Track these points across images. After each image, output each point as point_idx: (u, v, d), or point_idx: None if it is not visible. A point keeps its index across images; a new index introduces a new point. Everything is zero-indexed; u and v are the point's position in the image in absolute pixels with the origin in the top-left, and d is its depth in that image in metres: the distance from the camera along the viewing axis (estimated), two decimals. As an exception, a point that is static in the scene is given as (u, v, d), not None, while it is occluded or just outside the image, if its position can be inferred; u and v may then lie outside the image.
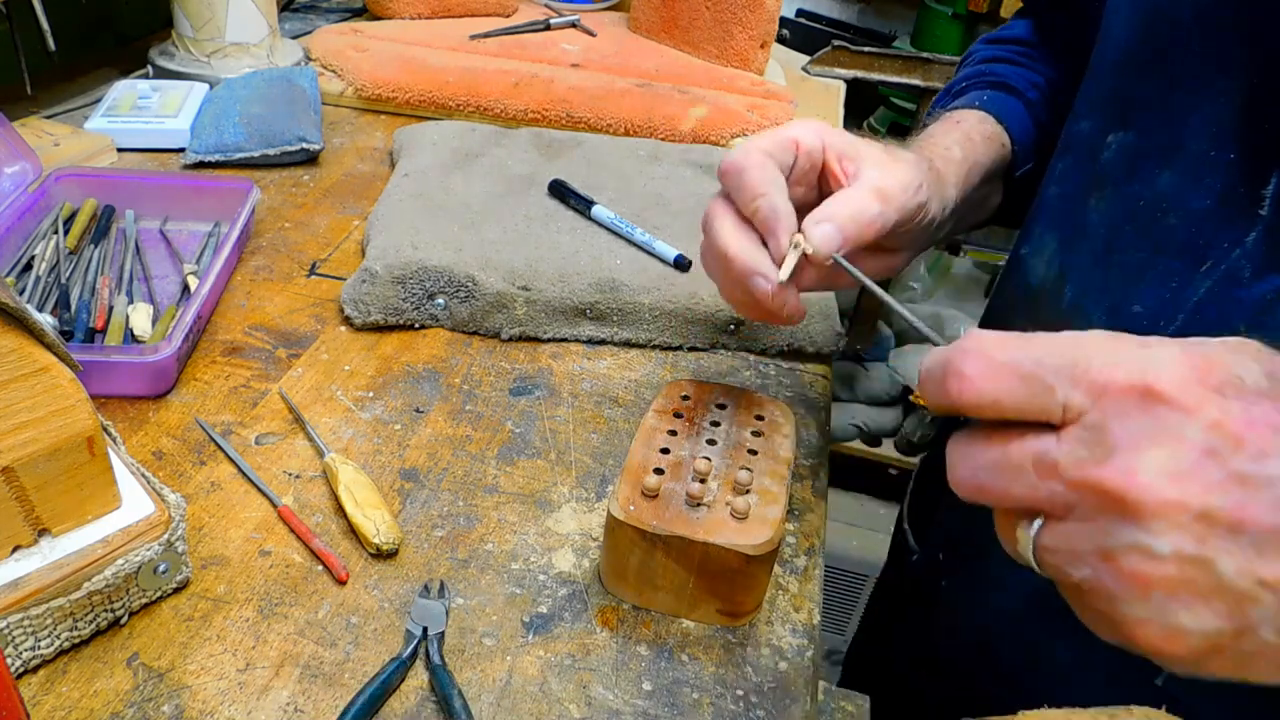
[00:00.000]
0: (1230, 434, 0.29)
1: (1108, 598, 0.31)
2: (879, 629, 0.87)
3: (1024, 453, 0.32)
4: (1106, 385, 0.31)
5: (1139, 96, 0.50)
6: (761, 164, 0.49)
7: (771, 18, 1.16)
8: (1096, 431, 0.31)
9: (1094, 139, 0.53)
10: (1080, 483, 0.31)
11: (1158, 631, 0.31)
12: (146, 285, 0.70)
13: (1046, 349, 0.32)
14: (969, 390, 0.33)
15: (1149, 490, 0.29)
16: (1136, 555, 0.30)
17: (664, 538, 0.47)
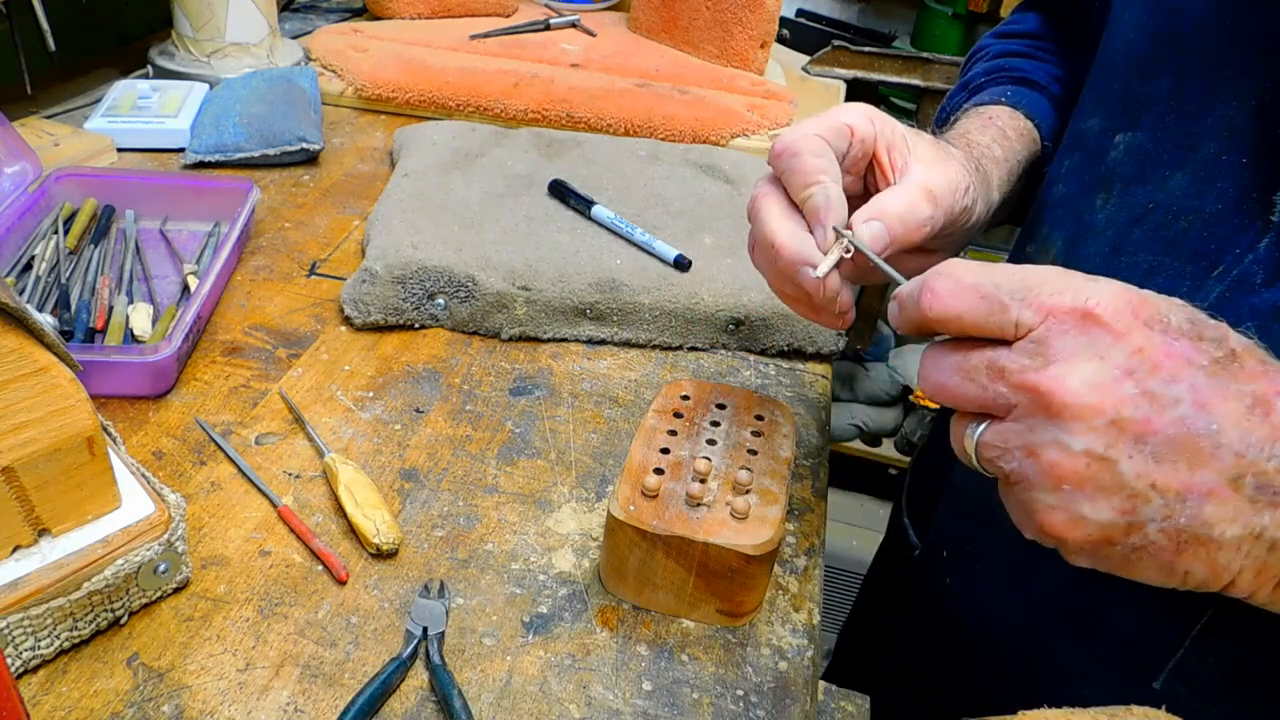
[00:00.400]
0: (1149, 359, 0.34)
1: (1027, 487, 0.37)
2: (870, 625, 0.87)
3: (980, 358, 0.37)
4: (1053, 307, 0.36)
5: (1149, 96, 0.49)
6: (817, 149, 0.48)
7: (771, 18, 1.16)
8: (1040, 344, 0.35)
9: (1101, 138, 0.52)
10: (1020, 385, 0.36)
11: (1062, 519, 0.36)
12: (146, 285, 0.70)
13: (1006, 275, 0.37)
14: (937, 305, 0.38)
15: (1073, 395, 0.34)
16: (1055, 450, 0.35)
17: (664, 538, 0.47)
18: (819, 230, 0.48)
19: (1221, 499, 0.34)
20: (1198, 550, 0.35)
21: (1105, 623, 0.51)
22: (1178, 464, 0.34)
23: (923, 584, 0.70)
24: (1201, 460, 0.34)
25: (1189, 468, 0.34)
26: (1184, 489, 0.34)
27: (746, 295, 0.71)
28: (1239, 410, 0.34)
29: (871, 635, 0.85)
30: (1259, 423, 0.34)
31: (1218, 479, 0.34)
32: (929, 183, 0.49)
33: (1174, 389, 0.34)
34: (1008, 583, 0.58)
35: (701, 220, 0.80)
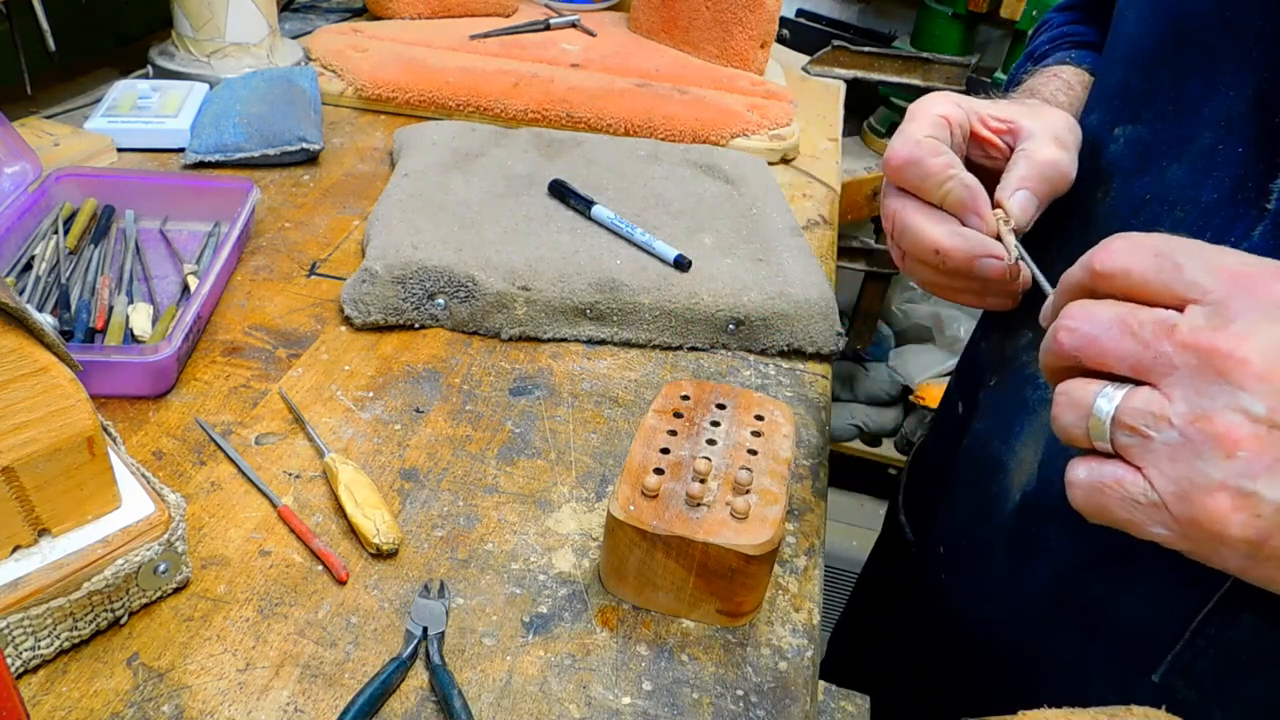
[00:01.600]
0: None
1: (1189, 459, 0.32)
2: (863, 624, 0.87)
3: (1148, 314, 0.34)
4: (1236, 272, 0.33)
5: (1149, 89, 0.50)
6: (935, 149, 0.48)
7: (771, 18, 1.16)
8: (1219, 306, 0.32)
9: (1101, 132, 0.53)
10: (1192, 344, 0.32)
11: (1229, 499, 0.31)
12: (146, 285, 0.70)
13: (1183, 242, 0.34)
14: (1107, 258, 0.35)
15: (1257, 355, 0.31)
16: (1231, 414, 0.31)
17: (664, 538, 0.47)
18: (972, 219, 0.48)
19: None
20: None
21: (1104, 617, 0.51)
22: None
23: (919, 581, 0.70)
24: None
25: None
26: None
27: (746, 295, 0.71)
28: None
29: (865, 634, 0.85)
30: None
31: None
32: (1052, 130, 0.49)
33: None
34: (1006, 579, 0.58)
35: (701, 220, 0.80)
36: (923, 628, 0.69)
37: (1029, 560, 0.55)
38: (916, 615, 0.70)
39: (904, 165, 0.49)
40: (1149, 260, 0.34)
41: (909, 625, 0.72)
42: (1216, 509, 0.32)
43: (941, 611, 0.66)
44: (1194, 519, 0.32)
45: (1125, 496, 0.34)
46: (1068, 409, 0.36)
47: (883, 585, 0.81)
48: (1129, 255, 0.35)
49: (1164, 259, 0.34)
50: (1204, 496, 0.32)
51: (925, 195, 0.49)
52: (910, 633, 0.72)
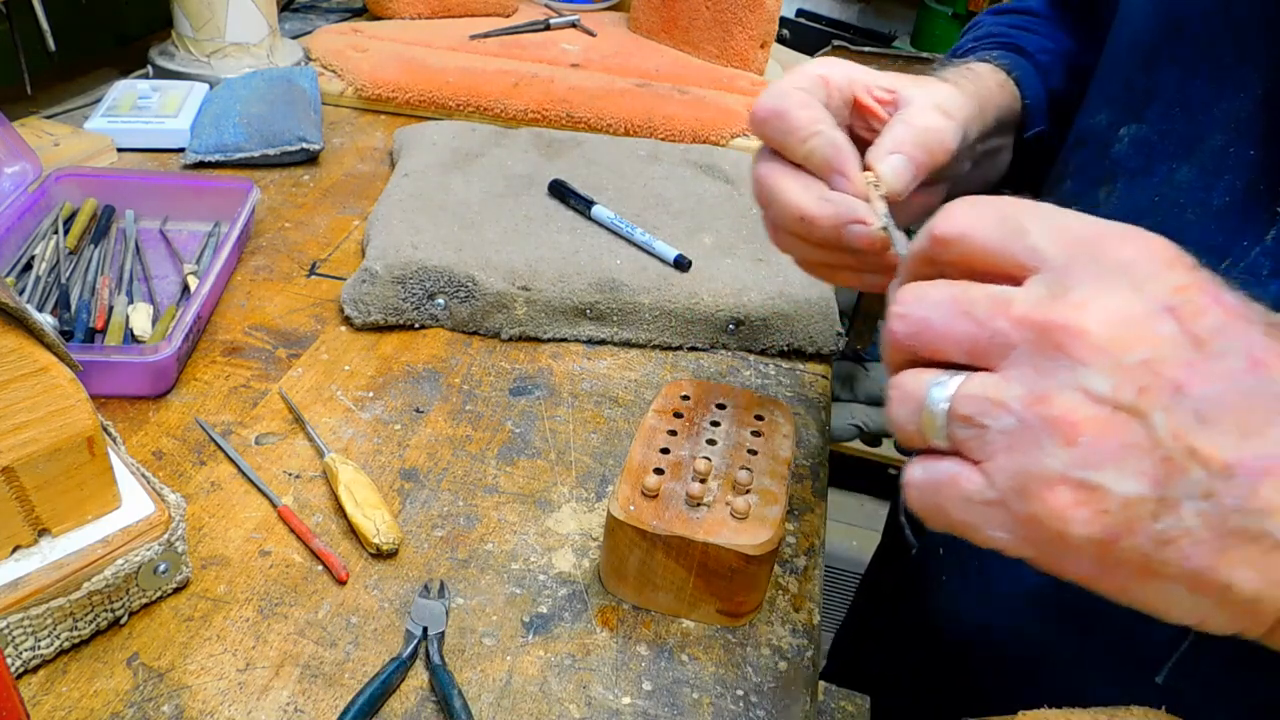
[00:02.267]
0: (1195, 302, 0.27)
1: (1027, 448, 0.28)
2: (867, 625, 0.87)
3: (982, 291, 0.30)
4: (1080, 236, 0.29)
5: (1153, 87, 0.49)
6: (802, 102, 0.44)
7: (771, 18, 1.16)
8: (1059, 274, 0.29)
9: (1107, 132, 0.52)
10: (1028, 319, 0.28)
11: (1071, 493, 0.27)
12: (146, 285, 0.70)
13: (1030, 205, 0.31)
14: (947, 222, 0.32)
15: (1098, 325, 0.27)
16: (1070, 393, 0.27)
17: (664, 538, 0.47)
18: (839, 180, 0.43)
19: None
20: (1247, 549, 0.26)
21: (1106, 619, 0.51)
22: (1224, 428, 0.26)
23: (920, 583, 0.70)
24: (1256, 427, 0.26)
25: (1240, 435, 0.26)
26: (1232, 462, 0.26)
27: (746, 295, 0.71)
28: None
29: (867, 636, 0.85)
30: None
31: (1276, 452, 0.26)
32: (935, 98, 0.45)
33: (1224, 339, 0.27)
34: (1006, 580, 0.58)
35: (701, 220, 0.80)
36: (923, 629, 0.69)
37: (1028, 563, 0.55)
38: (917, 616, 0.70)
39: (767, 118, 0.44)
40: (991, 224, 0.31)
41: (910, 626, 0.72)
42: (1057, 504, 0.27)
43: (942, 613, 0.66)
44: (1034, 517, 0.28)
45: (962, 496, 0.30)
46: (900, 403, 0.32)
47: (884, 588, 0.81)
48: (970, 219, 0.31)
49: (1008, 223, 0.30)
50: (1043, 490, 0.27)
51: (789, 154, 0.44)
52: (911, 634, 0.72)
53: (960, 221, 0.31)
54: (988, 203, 0.31)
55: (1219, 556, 0.27)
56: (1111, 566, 0.28)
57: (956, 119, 0.45)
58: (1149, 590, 0.28)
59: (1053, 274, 0.29)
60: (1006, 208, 0.31)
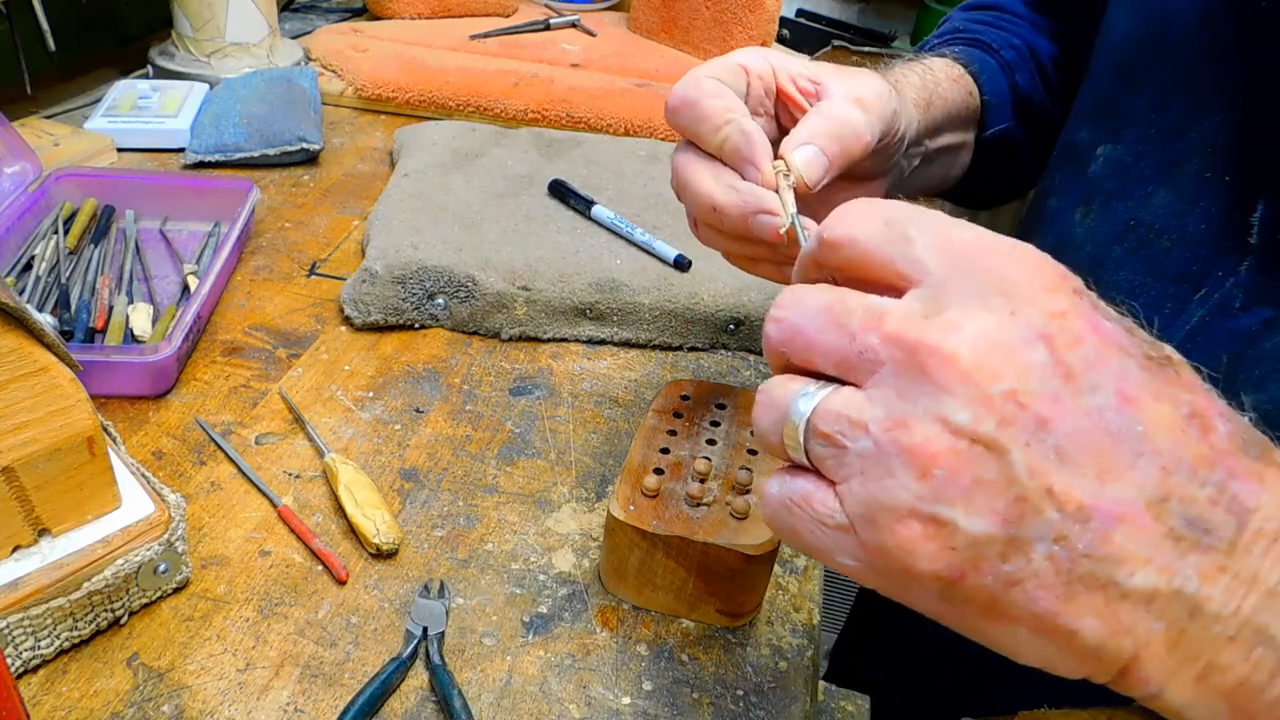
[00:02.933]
0: (1071, 330, 0.26)
1: (880, 476, 0.27)
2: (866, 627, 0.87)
3: (859, 301, 0.29)
4: (963, 249, 0.28)
5: (1130, 108, 0.48)
6: (714, 90, 0.43)
7: (771, 18, 1.16)
8: (937, 290, 0.27)
9: (1086, 150, 0.51)
10: (898, 337, 0.27)
11: (920, 527, 0.26)
12: (146, 285, 0.70)
13: (924, 212, 0.30)
14: (836, 223, 0.30)
15: (964, 350, 0.26)
16: (929, 422, 0.26)
17: (664, 538, 0.47)
18: (750, 171, 0.42)
19: (1137, 526, 0.25)
20: (1093, 596, 0.25)
21: None
22: (1085, 469, 0.25)
23: None
24: (1116, 470, 0.25)
25: (1099, 477, 0.25)
26: (1089, 505, 0.25)
27: (746, 295, 0.71)
28: (1173, 418, 0.26)
29: (869, 636, 0.85)
30: (1195, 440, 0.26)
31: (1135, 498, 0.25)
32: (854, 90, 0.44)
33: (1096, 372, 0.26)
34: None
35: (701, 220, 0.80)
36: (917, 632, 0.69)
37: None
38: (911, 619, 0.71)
39: (680, 106, 0.43)
40: (878, 229, 0.29)
41: (905, 629, 0.72)
42: (906, 537, 0.26)
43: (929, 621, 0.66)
44: (881, 547, 0.27)
45: (814, 518, 0.29)
46: (765, 411, 0.30)
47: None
48: (858, 222, 0.29)
49: (894, 229, 0.29)
50: (893, 521, 0.26)
51: (702, 143, 0.43)
52: (907, 636, 0.72)
53: (849, 226, 0.30)
54: (878, 207, 0.30)
55: (1065, 603, 0.26)
56: (958, 603, 0.27)
57: (873, 112, 0.43)
58: (995, 630, 0.27)
59: (930, 289, 0.27)
60: (896, 213, 0.29)
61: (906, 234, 0.28)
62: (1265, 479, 0.26)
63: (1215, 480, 0.25)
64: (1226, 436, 0.26)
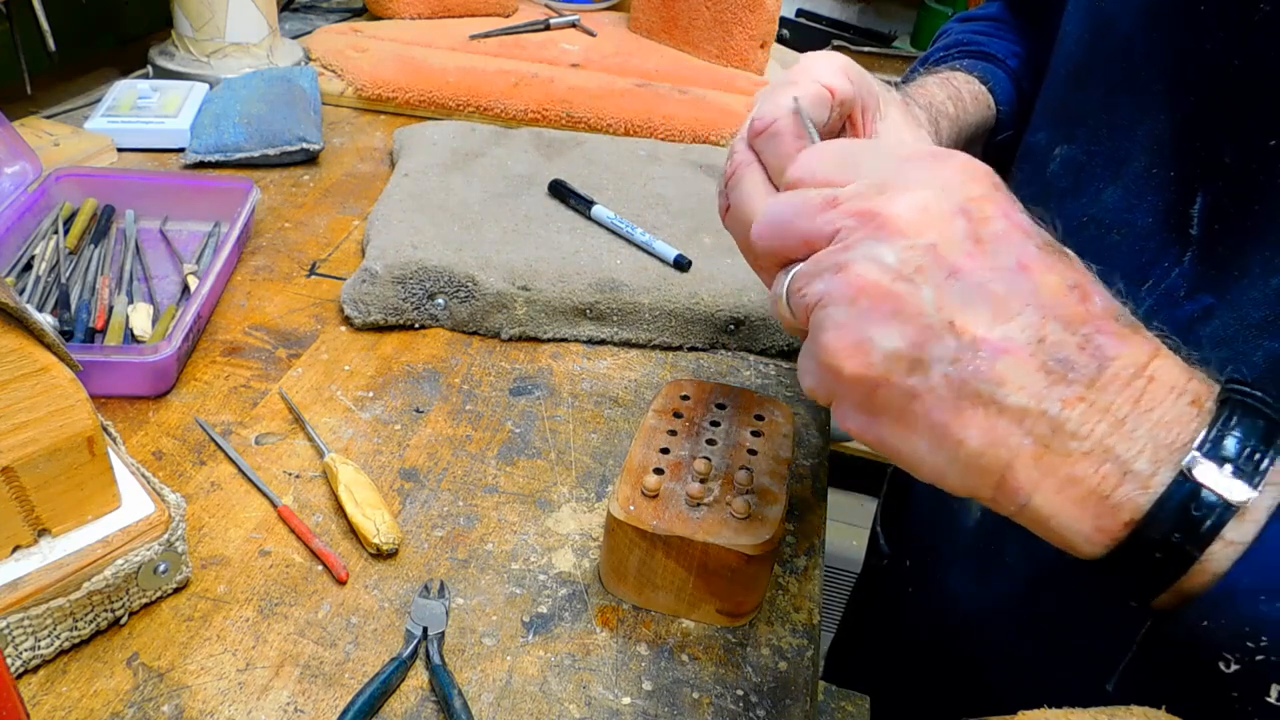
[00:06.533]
0: (987, 212, 0.32)
1: (826, 305, 0.33)
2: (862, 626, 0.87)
3: (820, 194, 0.35)
4: (907, 156, 0.35)
5: (1082, 108, 0.50)
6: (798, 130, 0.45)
7: (771, 18, 1.16)
8: (883, 175, 0.34)
9: (1044, 150, 0.53)
10: (852, 209, 0.34)
11: (847, 340, 0.33)
12: (146, 285, 0.70)
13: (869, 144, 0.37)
14: (795, 167, 0.37)
15: (900, 212, 0.32)
16: (864, 262, 0.32)
17: (664, 538, 0.47)
18: None
19: (1017, 358, 0.31)
20: (977, 411, 0.31)
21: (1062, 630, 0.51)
22: (981, 310, 0.31)
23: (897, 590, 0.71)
24: (1007, 314, 0.31)
25: (992, 318, 0.31)
26: (981, 337, 0.31)
27: (746, 295, 0.71)
28: (1059, 284, 0.32)
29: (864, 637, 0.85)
30: (1074, 303, 0.31)
31: (1017, 337, 0.31)
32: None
33: (1002, 244, 0.32)
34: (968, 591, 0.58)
35: (701, 220, 0.80)
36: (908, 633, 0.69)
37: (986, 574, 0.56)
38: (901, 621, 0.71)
39: (763, 134, 0.46)
40: (832, 160, 0.36)
41: (897, 630, 0.72)
42: (835, 347, 0.33)
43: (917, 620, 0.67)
44: (821, 361, 0.33)
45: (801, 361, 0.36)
46: (773, 302, 0.38)
47: (871, 592, 0.82)
48: (815, 160, 0.37)
49: (846, 157, 0.36)
50: (829, 337, 0.33)
51: (770, 173, 0.46)
52: (900, 637, 0.72)
53: (807, 164, 0.37)
54: (829, 145, 0.37)
55: (955, 415, 0.31)
56: (875, 413, 0.33)
57: None
58: (902, 441, 0.33)
59: (878, 175, 0.34)
60: (847, 146, 0.37)
61: (857, 160, 0.35)
62: (1129, 340, 0.31)
63: (1085, 332, 0.31)
64: (1101, 306, 0.32)
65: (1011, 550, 0.54)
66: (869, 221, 0.33)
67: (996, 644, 0.57)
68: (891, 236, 0.32)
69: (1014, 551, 0.54)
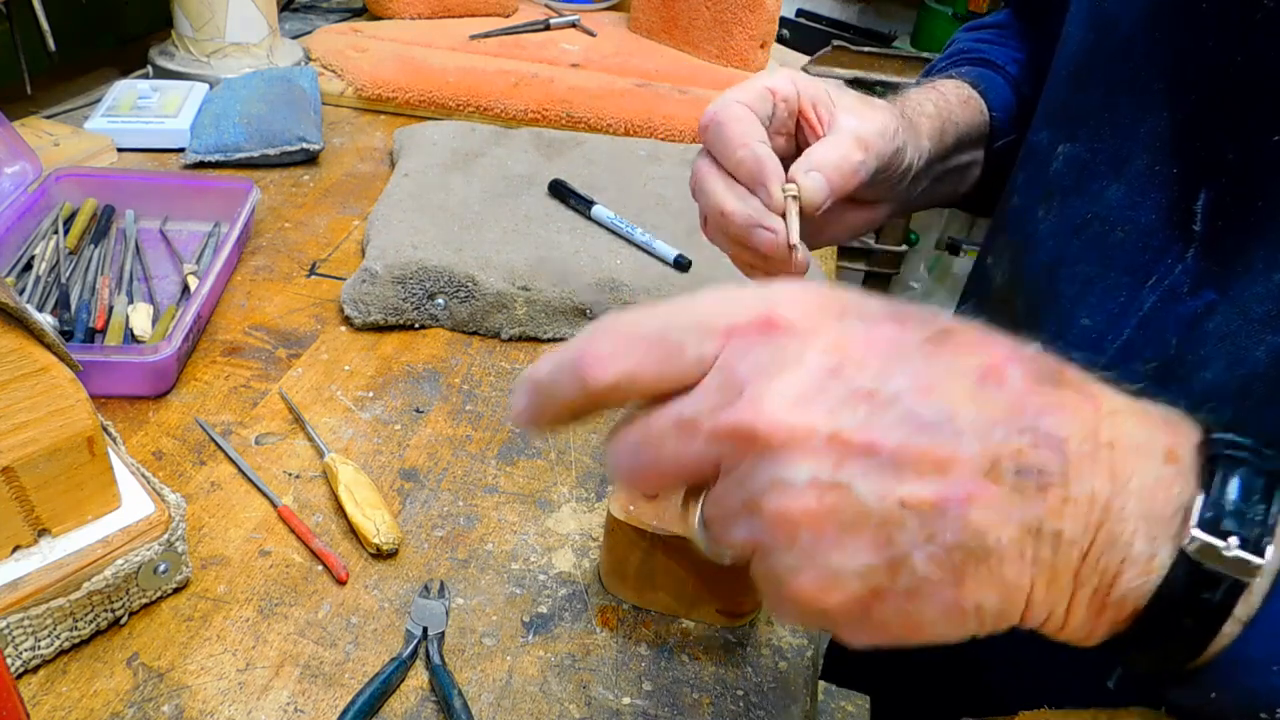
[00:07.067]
0: (852, 353, 0.28)
1: (764, 555, 0.29)
2: None
3: (665, 419, 0.30)
4: (731, 327, 0.29)
5: (1086, 106, 0.50)
6: (740, 115, 0.48)
7: (771, 18, 1.16)
8: (725, 374, 0.29)
9: (1046, 150, 0.53)
10: (715, 431, 0.29)
11: (815, 580, 0.28)
12: (146, 285, 0.70)
13: (672, 312, 0.31)
14: (601, 371, 0.30)
15: (775, 418, 0.28)
16: (775, 493, 0.28)
17: (664, 538, 0.47)
18: (760, 191, 0.48)
19: (984, 498, 0.27)
20: (979, 571, 0.28)
21: None
22: (922, 471, 0.27)
23: None
24: (946, 461, 0.27)
25: (935, 473, 0.27)
26: (939, 500, 0.27)
27: (746, 295, 0.70)
28: (968, 387, 0.28)
29: None
30: (994, 395, 0.28)
31: (972, 475, 0.27)
32: (857, 130, 0.49)
33: (889, 382, 0.28)
34: None
35: (701, 220, 0.80)
36: None
37: None
38: None
39: (707, 126, 0.49)
40: (649, 354, 0.30)
41: None
42: (807, 592, 0.28)
43: None
44: (796, 602, 0.29)
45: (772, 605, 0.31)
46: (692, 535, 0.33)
47: None
48: (624, 357, 0.30)
49: (663, 345, 0.30)
50: (792, 583, 0.28)
51: (723, 161, 0.49)
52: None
53: (618, 365, 0.30)
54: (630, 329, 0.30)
55: (959, 588, 0.28)
56: (882, 627, 0.29)
57: (871, 152, 0.49)
58: (922, 633, 0.29)
59: (719, 375, 0.29)
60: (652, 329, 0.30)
61: (677, 343, 0.30)
62: (1065, 404, 0.28)
63: (1027, 426, 0.28)
64: (1021, 379, 0.28)
65: None
66: (747, 443, 0.28)
67: (997, 644, 0.57)
68: (783, 451, 0.27)
69: None
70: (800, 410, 0.28)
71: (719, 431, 0.28)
